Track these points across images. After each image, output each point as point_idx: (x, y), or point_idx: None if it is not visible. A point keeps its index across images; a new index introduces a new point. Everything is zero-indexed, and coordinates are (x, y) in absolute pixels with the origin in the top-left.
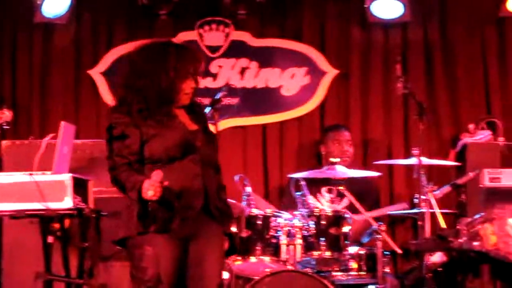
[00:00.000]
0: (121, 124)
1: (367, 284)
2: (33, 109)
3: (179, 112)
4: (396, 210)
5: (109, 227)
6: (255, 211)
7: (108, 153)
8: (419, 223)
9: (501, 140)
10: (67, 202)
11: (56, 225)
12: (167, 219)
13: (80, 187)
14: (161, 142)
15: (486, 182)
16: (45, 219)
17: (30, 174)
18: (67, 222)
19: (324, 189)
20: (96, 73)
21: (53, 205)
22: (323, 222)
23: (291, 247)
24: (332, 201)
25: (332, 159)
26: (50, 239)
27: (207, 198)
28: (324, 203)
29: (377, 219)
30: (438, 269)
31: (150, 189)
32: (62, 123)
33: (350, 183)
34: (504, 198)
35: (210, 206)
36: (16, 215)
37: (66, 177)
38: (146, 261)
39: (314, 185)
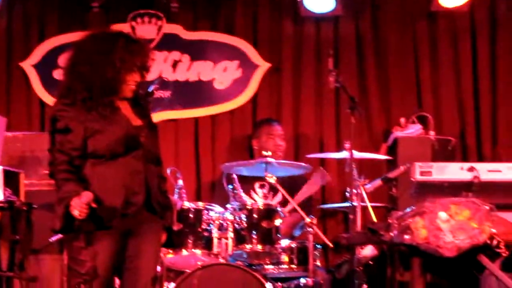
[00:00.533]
0: (65, 117)
1: (298, 277)
2: None
3: (122, 104)
4: (316, 183)
5: (40, 220)
6: (187, 204)
7: (50, 146)
8: (350, 216)
9: (432, 134)
10: None
11: None
12: (90, 232)
13: (11, 180)
14: (105, 138)
15: (417, 176)
16: None
17: None
18: None
19: (256, 185)
20: (27, 65)
21: None
22: (255, 216)
23: (223, 240)
24: (265, 197)
25: (264, 153)
26: None
27: (149, 194)
28: (257, 198)
29: (308, 213)
30: (369, 262)
31: (77, 209)
32: None
33: (282, 177)
34: (435, 192)
35: (152, 201)
36: None
37: None
38: (84, 255)
39: (247, 180)
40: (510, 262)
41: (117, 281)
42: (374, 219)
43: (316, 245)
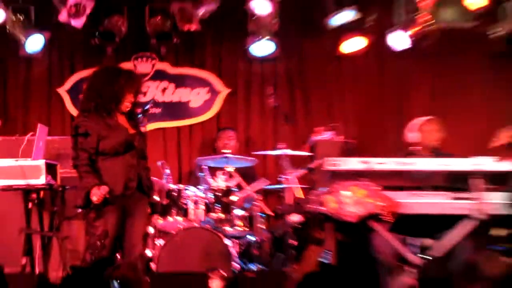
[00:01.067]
0: (85, 125)
1: (249, 235)
2: (18, 115)
3: (121, 117)
4: (260, 185)
5: (70, 197)
6: (172, 186)
7: (73, 145)
8: (284, 194)
9: (340, 138)
10: (42, 179)
11: (34, 195)
12: (100, 208)
13: (51, 169)
14: (111, 141)
15: (329, 167)
16: (26, 191)
17: (16, 160)
18: (41, 193)
19: (219, 173)
20: (62, 90)
21: (32, 182)
22: (218, 194)
23: (197, 210)
24: (226, 181)
25: (223, 150)
26: (30, 205)
27: (141, 181)
28: (219, 182)
29: (256, 191)
30: (297, 225)
31: (96, 196)
32: (39, 125)
33: (238, 168)
34: (341, 178)
35: (143, 186)
36: (7, 189)
37: (41, 162)
38: (97, 222)
39: (213, 169)
40: (394, 225)
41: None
42: (301, 195)
43: (261, 214)
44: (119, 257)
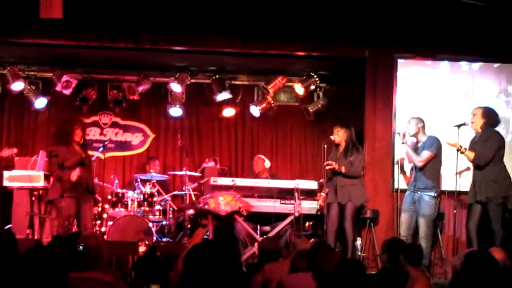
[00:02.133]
0: (55, 150)
1: (162, 221)
2: (29, 145)
3: (77, 145)
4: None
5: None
6: (118, 190)
7: (49, 162)
8: (185, 197)
9: (218, 166)
10: (41, 183)
11: (36, 192)
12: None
13: (47, 178)
14: (70, 160)
15: (212, 183)
16: (31, 190)
17: (26, 171)
18: (40, 191)
19: (147, 183)
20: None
21: (35, 184)
22: (146, 196)
23: (133, 205)
24: (151, 188)
25: (150, 170)
26: (33, 198)
27: (87, 184)
28: (147, 189)
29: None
30: (191, 216)
31: (75, 175)
32: (41, 151)
33: (158, 180)
34: (219, 189)
35: (88, 187)
36: (20, 188)
37: (41, 173)
38: (64, 209)
39: (144, 181)
40: (247, 217)
41: None
42: (194, 198)
43: (171, 209)
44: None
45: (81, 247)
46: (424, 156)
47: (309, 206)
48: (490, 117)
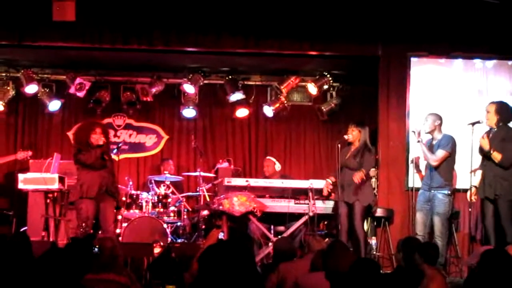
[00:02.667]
0: (79, 149)
1: (177, 222)
2: (43, 148)
3: (98, 149)
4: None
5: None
6: (133, 192)
7: (76, 155)
8: (199, 198)
9: (232, 167)
10: (56, 186)
11: (50, 195)
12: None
13: (61, 180)
14: (90, 159)
15: (226, 183)
16: (46, 192)
17: (41, 174)
18: (55, 193)
19: (161, 184)
20: (70, 133)
21: (50, 187)
22: (161, 197)
23: (147, 206)
24: (165, 189)
25: (164, 172)
26: (48, 200)
27: (107, 187)
28: (161, 190)
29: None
30: (205, 217)
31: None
32: (55, 153)
33: (173, 181)
34: (233, 190)
35: (107, 190)
36: (35, 190)
37: (56, 175)
38: (83, 211)
39: (158, 182)
40: (261, 218)
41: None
42: (208, 199)
43: (185, 210)
44: (100, 233)
45: (96, 249)
46: (439, 156)
47: (323, 206)
48: (505, 113)
